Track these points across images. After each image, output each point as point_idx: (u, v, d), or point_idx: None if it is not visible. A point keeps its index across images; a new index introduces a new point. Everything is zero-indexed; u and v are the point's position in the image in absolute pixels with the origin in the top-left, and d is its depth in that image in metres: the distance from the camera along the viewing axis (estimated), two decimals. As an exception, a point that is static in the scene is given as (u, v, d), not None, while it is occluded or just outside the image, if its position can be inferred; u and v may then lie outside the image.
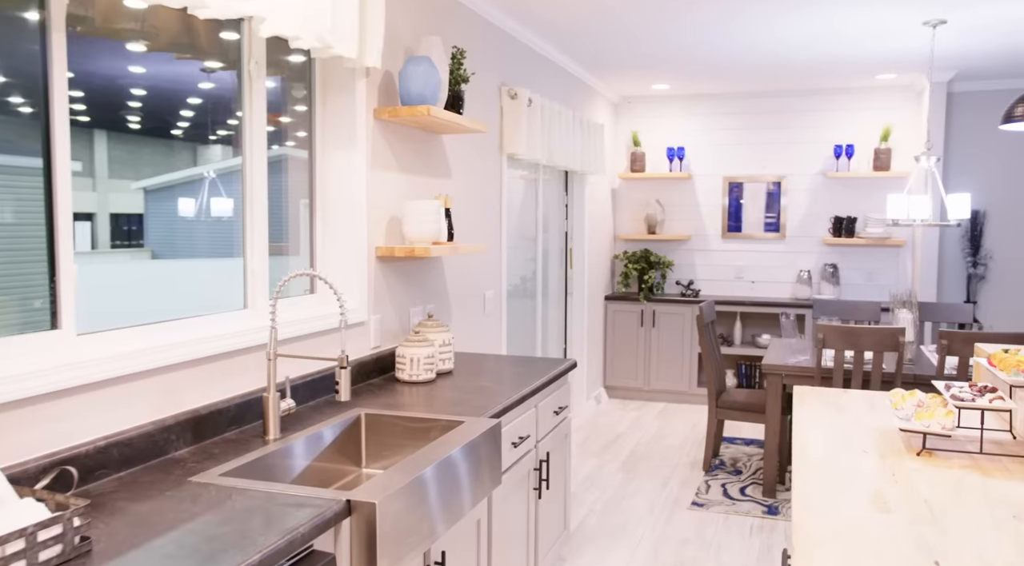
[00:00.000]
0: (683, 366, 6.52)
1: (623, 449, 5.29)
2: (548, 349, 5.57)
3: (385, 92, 3.09)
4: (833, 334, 3.92)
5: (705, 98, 6.72)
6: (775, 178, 6.58)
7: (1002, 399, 2.05)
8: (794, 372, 4.21)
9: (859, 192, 6.38)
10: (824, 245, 6.48)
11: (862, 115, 6.32)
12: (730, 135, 6.69)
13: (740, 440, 5.49)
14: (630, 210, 7.01)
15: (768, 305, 6.26)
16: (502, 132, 4.30)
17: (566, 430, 3.41)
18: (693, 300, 6.44)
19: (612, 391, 6.77)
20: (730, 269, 6.76)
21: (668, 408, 6.45)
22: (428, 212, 3.03)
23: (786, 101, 6.51)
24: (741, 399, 4.72)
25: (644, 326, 6.59)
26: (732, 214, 6.72)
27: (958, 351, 3.75)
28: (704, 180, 6.79)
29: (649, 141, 6.91)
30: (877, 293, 6.37)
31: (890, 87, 6.21)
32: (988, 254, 6.12)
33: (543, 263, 5.38)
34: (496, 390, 2.80)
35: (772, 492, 4.34)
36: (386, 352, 3.09)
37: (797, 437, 2.25)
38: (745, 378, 6.58)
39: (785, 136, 6.54)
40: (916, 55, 5.11)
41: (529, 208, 5.07)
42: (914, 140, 6.19)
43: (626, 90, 6.59)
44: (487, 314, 4.19)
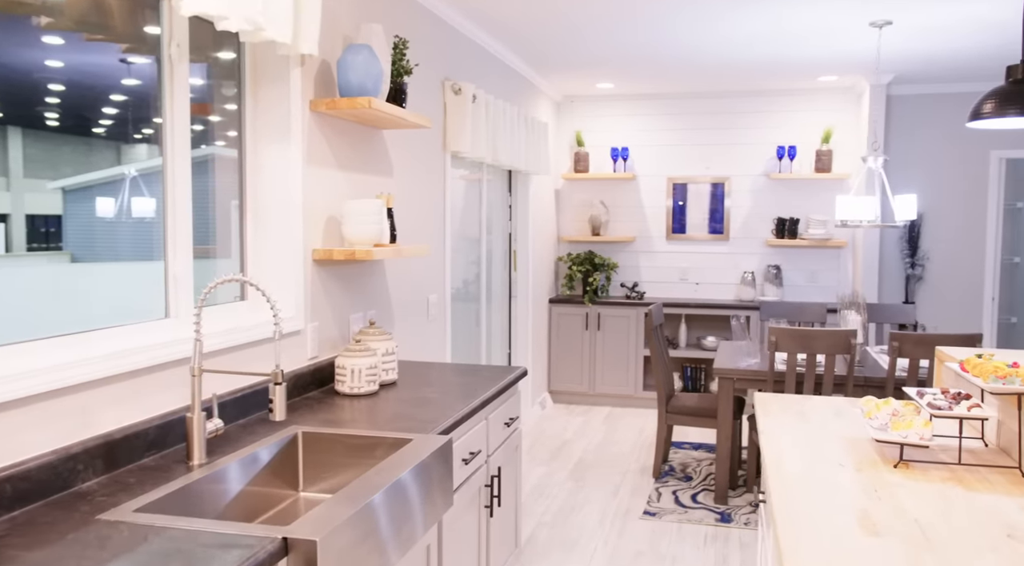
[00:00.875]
0: (628, 370, 6.43)
1: (571, 456, 5.15)
2: (492, 354, 5.40)
3: (322, 83, 2.86)
4: (786, 337, 3.86)
5: (649, 98, 6.65)
6: (719, 179, 6.55)
7: (979, 406, 1.97)
8: (746, 376, 4.13)
9: (801, 193, 6.40)
10: (767, 246, 6.48)
11: (804, 117, 6.34)
12: (674, 135, 6.63)
13: (688, 444, 5.41)
14: (574, 211, 6.90)
15: (713, 307, 6.22)
16: (445, 129, 4.11)
17: (517, 442, 3.24)
18: (638, 303, 6.36)
19: (557, 396, 6.64)
20: (674, 271, 6.71)
21: (614, 412, 6.35)
22: (370, 212, 2.82)
23: (730, 102, 6.49)
24: (691, 404, 4.63)
25: (589, 329, 6.48)
26: (676, 215, 6.67)
27: (909, 353, 3.72)
28: (648, 181, 6.72)
29: (593, 141, 6.81)
30: (819, 294, 6.40)
31: (831, 89, 6.24)
32: (925, 255, 6.21)
33: (487, 266, 5.20)
34: (444, 402, 2.61)
35: (724, 499, 4.25)
36: (324, 363, 2.87)
37: (768, 449, 2.12)
38: (691, 381, 6.53)
39: (729, 137, 6.52)
40: (859, 57, 5.12)
41: (472, 209, 4.89)
42: (854, 142, 6.24)
43: (570, 89, 6.47)
44: (431, 320, 3.99)
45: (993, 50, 4.89)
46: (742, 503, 4.27)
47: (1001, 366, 1.96)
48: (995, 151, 6.07)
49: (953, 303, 6.21)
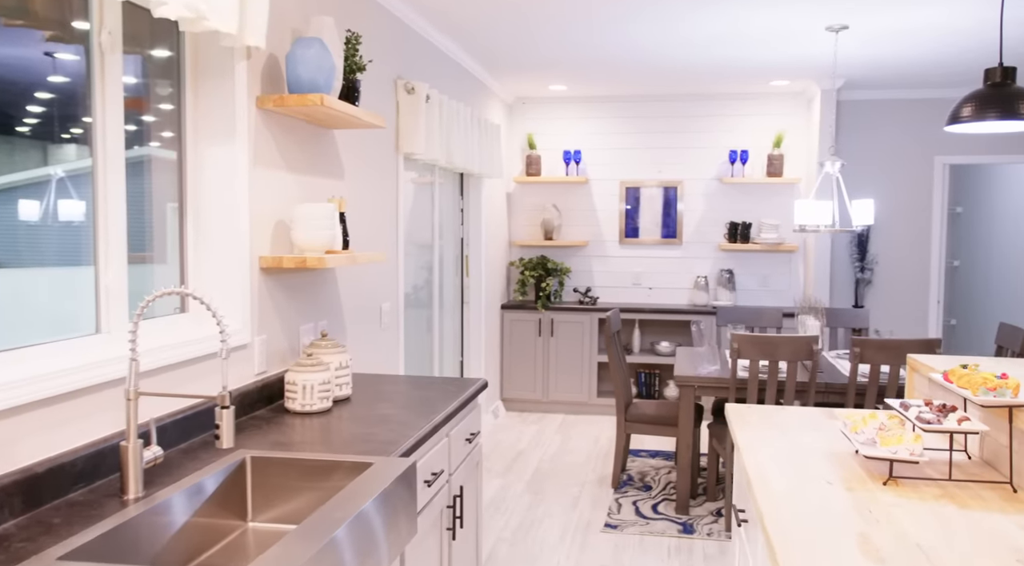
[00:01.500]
0: (582, 376, 6.33)
1: (527, 467, 5.02)
2: (445, 362, 5.23)
3: (270, 79, 2.67)
4: (748, 344, 3.79)
5: (602, 100, 6.58)
6: (672, 183, 6.51)
7: (968, 419, 1.90)
8: (707, 383, 4.06)
9: (754, 197, 6.40)
10: (720, 251, 6.47)
11: (756, 121, 6.35)
12: (627, 139, 6.57)
13: (645, 452, 5.33)
14: (526, 215, 6.78)
15: (666, 312, 6.17)
16: (398, 130, 3.94)
17: (478, 458, 3.09)
18: (591, 308, 6.27)
19: (509, 404, 6.51)
20: (628, 275, 6.65)
21: (568, 420, 6.24)
22: (321, 217, 2.64)
23: (683, 105, 6.46)
24: (650, 412, 4.55)
25: (542, 335, 6.36)
26: (629, 219, 6.61)
27: (870, 359, 3.69)
28: (601, 184, 6.65)
29: (545, 144, 6.70)
30: (771, 298, 6.40)
31: (783, 94, 6.26)
32: (874, 259, 6.27)
33: (439, 271, 5.04)
34: (404, 419, 2.45)
35: (686, 508, 4.17)
36: (273, 378, 2.67)
37: (751, 466, 2.02)
38: (645, 387, 6.47)
39: (682, 141, 6.48)
40: (812, 61, 5.12)
41: (424, 213, 4.72)
42: (805, 147, 6.27)
43: (522, 90, 6.35)
44: (384, 328, 3.81)
45: (944, 57, 4.94)
46: (703, 513, 4.20)
47: (990, 377, 1.89)
48: (939, 157, 6.17)
49: (900, 306, 6.29)
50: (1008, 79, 2.20)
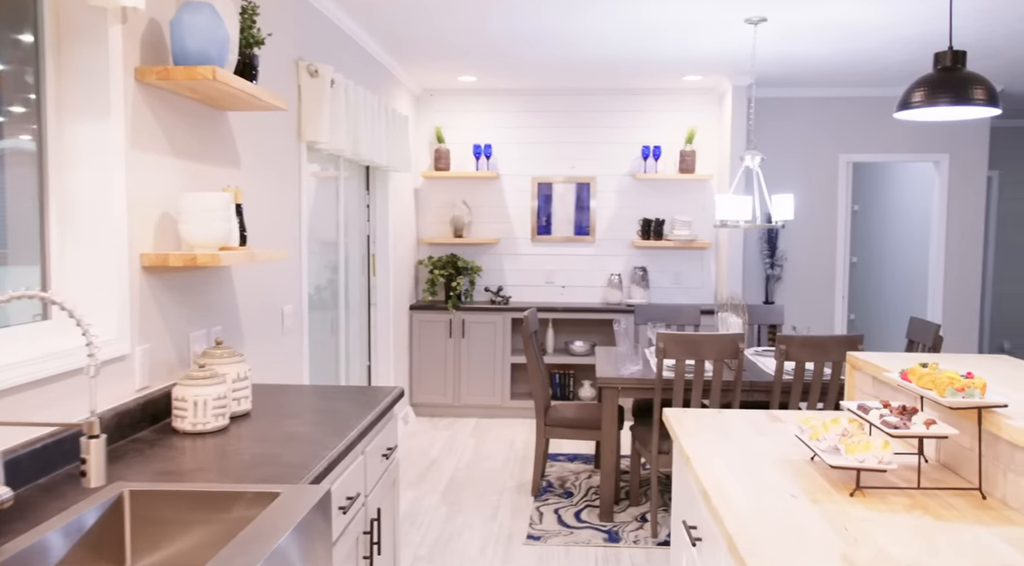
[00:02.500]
0: (495, 378, 6.12)
1: (441, 476, 4.75)
2: (352, 367, 4.91)
3: (152, 48, 2.32)
4: (673, 343, 3.66)
5: (514, 93, 6.38)
6: (584, 179, 6.38)
7: (935, 422, 1.77)
8: (631, 384, 3.91)
9: (666, 194, 6.34)
10: (633, 248, 6.39)
11: (669, 117, 6.29)
12: (539, 133, 6.40)
13: (563, 456, 5.16)
14: (435, 212, 6.51)
15: (581, 311, 6.03)
16: (300, 115, 3.61)
17: (395, 474, 2.81)
18: (504, 308, 6.06)
19: (420, 409, 6.22)
20: (540, 274, 6.48)
21: (481, 424, 6.01)
22: (215, 208, 2.31)
23: (596, 100, 6.34)
24: (571, 415, 4.37)
25: (453, 337, 6.11)
26: (541, 216, 6.44)
27: (795, 356, 3.63)
28: (512, 180, 6.45)
29: (454, 137, 6.45)
30: (684, 296, 6.37)
31: (695, 89, 6.23)
32: (783, 256, 6.33)
33: (344, 271, 4.71)
34: (314, 437, 2.15)
35: (610, 515, 4.01)
36: (159, 394, 2.32)
37: (707, 478, 1.84)
38: (559, 388, 6.31)
39: (594, 136, 6.36)
40: (727, 56, 5.08)
41: (329, 208, 4.39)
42: (717, 143, 6.26)
43: (430, 81, 6.07)
44: (286, 333, 3.47)
45: (857, 55, 4.99)
46: (628, 518, 4.05)
47: (956, 377, 1.78)
48: (843, 155, 6.28)
49: (808, 302, 6.37)
50: (959, 63, 2.12)
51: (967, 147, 6.22)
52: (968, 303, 6.29)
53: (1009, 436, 1.67)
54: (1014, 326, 8.03)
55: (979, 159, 6.23)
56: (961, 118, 2.28)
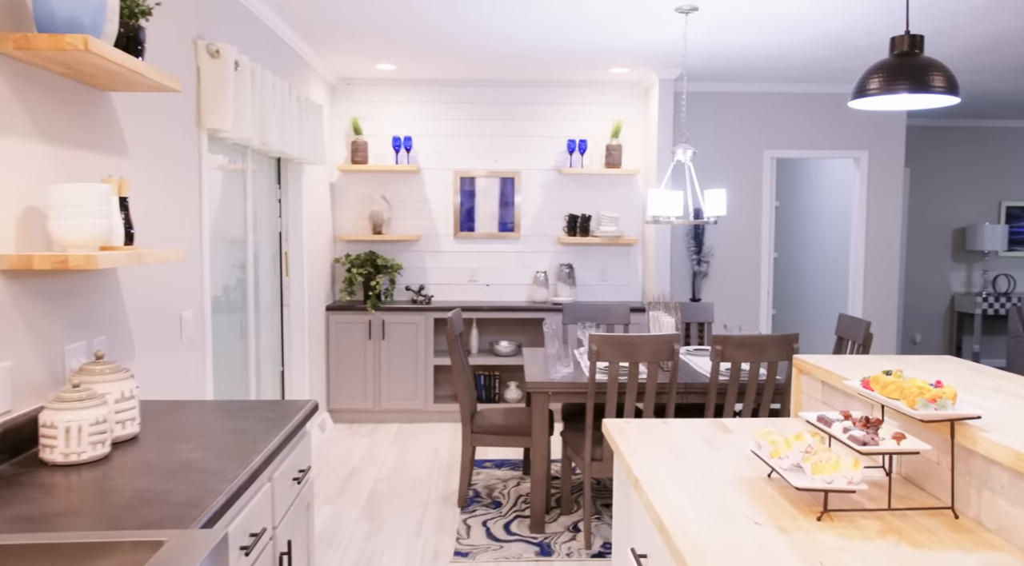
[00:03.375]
0: (418, 382, 5.85)
1: (361, 488, 4.47)
2: (263, 374, 4.56)
3: (9, 12, 1.97)
4: (607, 345, 3.49)
5: (435, 83, 6.11)
6: (508, 173, 6.17)
7: (903, 436, 1.63)
8: (562, 389, 3.73)
9: (593, 189, 6.20)
10: (560, 244, 6.22)
11: (595, 110, 6.15)
12: (462, 125, 6.15)
13: (490, 463, 4.95)
14: (352, 207, 6.18)
15: (506, 310, 5.82)
16: (200, 100, 3.26)
17: (308, 498, 2.54)
18: (426, 307, 5.80)
19: (338, 415, 5.90)
20: (463, 271, 6.24)
21: (403, 430, 5.74)
22: (92, 201, 1.98)
23: (520, 92, 6.13)
24: (499, 421, 4.15)
25: (372, 339, 5.81)
26: (464, 212, 6.20)
27: (731, 357, 3.51)
28: (434, 174, 6.18)
29: (372, 129, 6.14)
30: (611, 293, 6.24)
31: (621, 82, 6.10)
32: (709, 252, 6.27)
33: (254, 270, 4.37)
34: (211, 465, 1.86)
35: (541, 526, 3.82)
36: (23, 420, 1.98)
37: (662, 506, 1.65)
38: (484, 390, 6.09)
39: (519, 129, 6.16)
40: (655, 47, 4.95)
41: (236, 203, 4.04)
42: (643, 138, 6.15)
43: (346, 69, 5.75)
44: (185, 341, 3.13)
45: (786, 48, 4.93)
46: (560, 529, 3.86)
47: (926, 387, 1.63)
48: (768, 150, 6.27)
49: (734, 298, 6.34)
50: (916, 48, 2.00)
51: (885, 144, 6.29)
52: (887, 298, 6.37)
53: (985, 451, 1.53)
54: (923, 319, 8.25)
55: (896, 156, 6.31)
56: (918, 107, 2.16)
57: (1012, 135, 8.12)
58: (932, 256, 8.21)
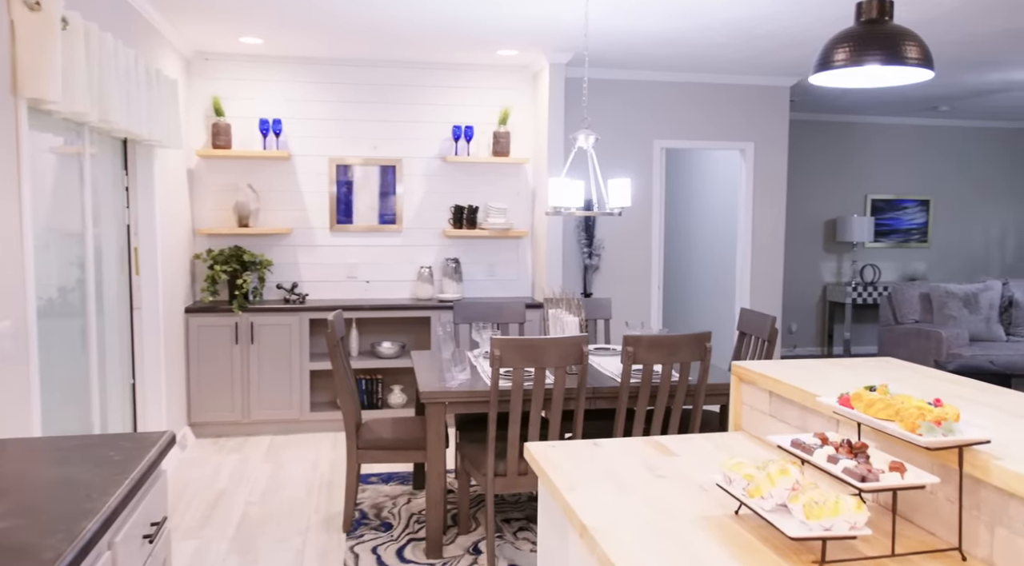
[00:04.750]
0: (292, 389, 5.32)
1: (230, 515, 3.94)
2: (108, 391, 3.93)
3: None
4: (511, 350, 3.15)
5: (308, 62, 5.57)
6: (389, 161, 5.72)
7: (903, 467, 1.38)
8: (460, 398, 3.36)
9: (480, 179, 5.85)
10: (445, 237, 5.83)
11: (481, 95, 5.79)
12: (337, 109, 5.64)
13: (376, 477, 4.52)
14: (214, 197, 5.55)
15: (389, 308, 5.39)
16: (16, 62, 2.66)
17: (164, 553, 2.05)
18: (300, 307, 5.28)
19: (201, 429, 5.28)
20: (341, 267, 5.74)
21: (276, 442, 5.20)
22: None
23: (402, 74, 5.69)
24: (387, 435, 3.74)
25: (240, 343, 5.23)
26: (341, 203, 5.70)
27: (643, 358, 3.26)
28: (307, 161, 5.65)
29: (236, 111, 5.53)
30: (499, 288, 5.93)
31: (510, 66, 5.77)
32: (600, 244, 6.07)
33: (95, 269, 3.73)
34: (23, 540, 1.38)
35: (438, 550, 3.45)
36: None
37: (617, 556, 1.32)
38: (366, 395, 5.63)
39: (400, 114, 5.72)
40: (546, 28, 4.65)
41: (71, 190, 3.41)
42: (532, 125, 5.85)
43: (205, 42, 5.11)
44: (1, 361, 2.54)
45: (687, 34, 4.75)
46: (458, 551, 3.51)
47: (926, 407, 1.39)
48: (657, 141, 6.13)
49: (626, 292, 6.18)
50: (885, 15, 1.77)
51: (770, 135, 6.30)
52: (772, 289, 6.40)
53: (1000, 481, 1.30)
54: (798, 309, 8.46)
55: (780, 147, 6.34)
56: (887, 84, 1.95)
57: (877, 130, 8.44)
58: (806, 247, 8.41)
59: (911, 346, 6.53)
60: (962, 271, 8.75)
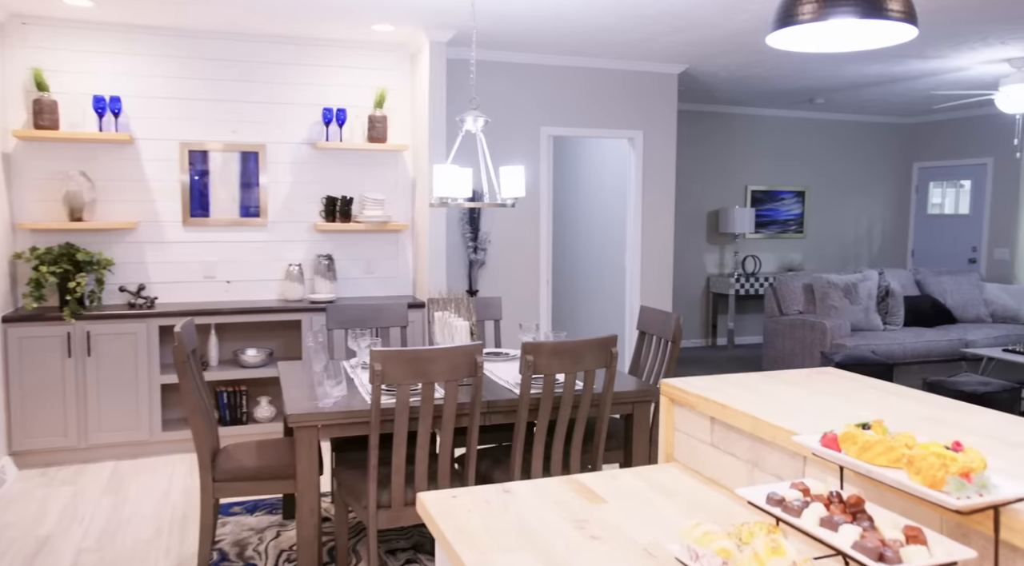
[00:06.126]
0: (139, 406, 4.64)
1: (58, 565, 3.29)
2: None
3: None
4: (396, 364, 2.71)
5: (153, 32, 4.86)
6: (251, 147, 5.11)
7: (920, 535, 1.05)
8: (336, 419, 2.89)
9: (354, 167, 5.33)
10: (317, 232, 5.28)
11: (355, 76, 5.26)
12: (190, 87, 4.97)
13: (239, 507, 3.95)
14: (40, 186, 4.76)
15: (253, 311, 4.80)
16: None
17: None
18: (148, 313, 4.61)
19: (26, 459, 4.52)
20: (197, 266, 5.09)
21: (121, 470, 4.52)
22: None
23: (264, 49, 5.08)
24: (250, 463, 3.21)
25: (75, 356, 4.50)
26: (197, 193, 5.04)
27: (545, 368, 2.90)
28: (154, 146, 4.95)
29: (63, 85, 4.76)
30: (377, 287, 5.43)
31: (386, 43, 5.27)
32: (486, 238, 5.69)
33: None
34: None
35: (312, 597, 2.96)
36: None
37: None
38: (228, 410, 5.01)
39: (263, 94, 5.11)
40: (426, 1, 4.21)
41: None
42: (411, 109, 5.38)
43: (19, 2, 4.34)
44: None
45: (579, 13, 4.42)
46: (336, 595, 3.03)
47: (948, 455, 1.07)
48: (545, 128, 5.81)
49: (513, 289, 5.83)
50: (859, -41, 1.47)
51: (659, 125, 6.11)
52: (663, 282, 6.23)
53: (1048, 550, 0.99)
54: (683, 300, 8.40)
55: (669, 136, 6.16)
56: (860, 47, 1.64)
57: (756, 122, 8.49)
58: (690, 239, 8.36)
59: (796, 337, 6.53)
60: (834, 261, 8.97)
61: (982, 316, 6.97)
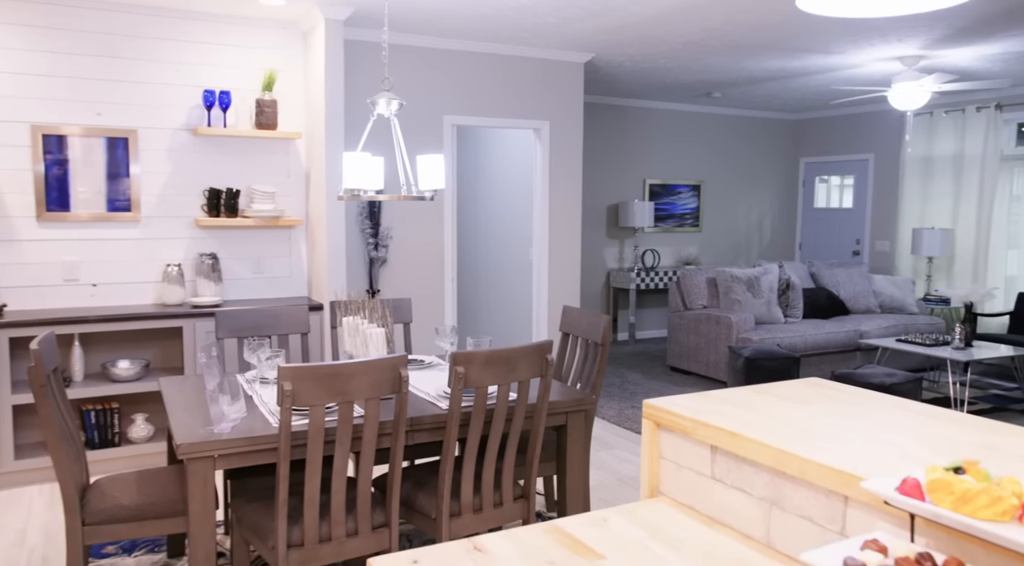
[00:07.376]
0: (-11, 431, 4.00)
1: None
2: None
3: None
4: (308, 382, 2.34)
5: (-10, -3, 4.19)
6: (120, 132, 4.52)
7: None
8: (236, 447, 2.48)
9: (241, 156, 4.82)
10: (198, 228, 4.75)
11: (240, 55, 4.75)
12: (44, 62, 4.33)
13: (116, 548, 3.43)
14: None
15: (124, 318, 4.24)
16: None
17: None
18: (-2, 323, 3.97)
19: None
20: (55, 268, 4.46)
21: (-33, 506, 3.87)
22: None
23: (135, 21, 4.49)
24: (128, 499, 2.74)
25: (-95, 375, 3.82)
26: (53, 185, 4.41)
27: (477, 380, 2.59)
28: None
29: None
30: (268, 288, 4.95)
31: (275, 20, 4.79)
32: (387, 234, 5.31)
33: None
34: None
35: (209, 655, 2.54)
36: None
37: None
38: (97, 431, 4.41)
39: (134, 72, 4.52)
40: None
41: None
42: (305, 93, 4.92)
43: None
44: None
45: None
46: (238, 649, 2.62)
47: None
48: (448, 116, 5.47)
49: (416, 287, 5.47)
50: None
51: (565, 115, 5.90)
52: (571, 278, 6.03)
53: None
54: (585, 295, 8.28)
55: (575, 127, 5.96)
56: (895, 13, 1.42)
57: (654, 115, 8.45)
58: (590, 233, 8.24)
59: (701, 332, 6.50)
60: (727, 255, 9.09)
61: (872, 307, 7.19)
